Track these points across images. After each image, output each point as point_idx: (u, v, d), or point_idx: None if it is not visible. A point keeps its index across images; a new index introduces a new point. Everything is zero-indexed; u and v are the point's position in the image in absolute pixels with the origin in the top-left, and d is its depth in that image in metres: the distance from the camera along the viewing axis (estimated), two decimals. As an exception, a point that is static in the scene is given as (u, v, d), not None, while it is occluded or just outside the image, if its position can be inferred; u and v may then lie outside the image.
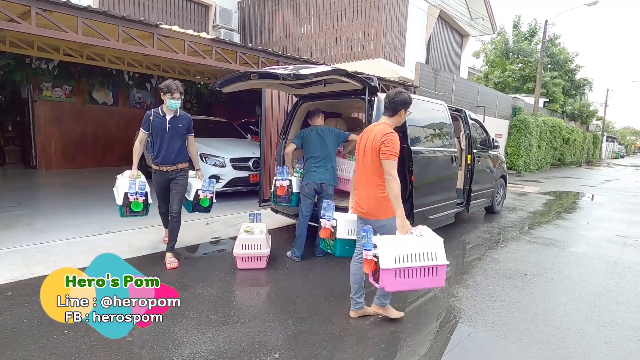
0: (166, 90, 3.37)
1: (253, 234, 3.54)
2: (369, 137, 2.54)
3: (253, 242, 3.49)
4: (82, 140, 9.85)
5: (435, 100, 4.94)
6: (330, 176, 3.81)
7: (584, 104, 24.64)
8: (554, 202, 8.43)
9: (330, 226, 2.97)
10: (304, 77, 3.18)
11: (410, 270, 2.15)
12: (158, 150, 3.49)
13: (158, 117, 3.47)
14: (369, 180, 2.51)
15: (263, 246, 3.51)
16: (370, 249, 2.18)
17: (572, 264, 4.08)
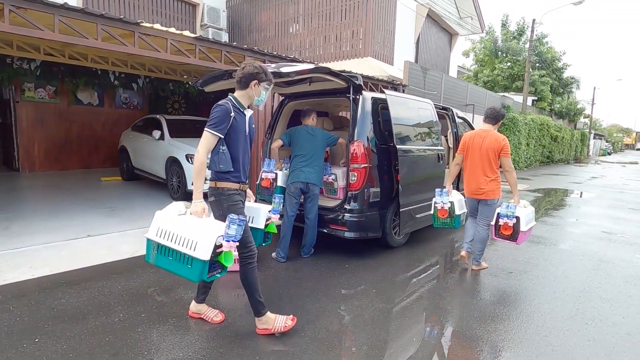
0: (264, 77, 2.35)
1: (236, 236, 3.45)
2: (484, 141, 3.52)
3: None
4: (66, 141, 9.65)
5: (422, 98, 4.92)
6: (317, 176, 3.76)
7: (572, 102, 24.99)
8: (542, 200, 8.50)
9: (447, 208, 3.80)
10: (285, 75, 3.13)
11: (528, 231, 3.55)
12: (237, 162, 2.41)
13: (239, 114, 2.35)
14: (485, 172, 3.52)
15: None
16: (512, 219, 3.43)
17: (558, 261, 4.09)
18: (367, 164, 3.76)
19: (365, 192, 3.82)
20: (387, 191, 4.04)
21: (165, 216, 2.21)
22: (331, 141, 3.92)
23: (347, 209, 3.80)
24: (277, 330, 2.38)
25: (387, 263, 3.83)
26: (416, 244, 4.49)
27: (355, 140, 3.76)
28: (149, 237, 2.20)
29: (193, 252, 2.04)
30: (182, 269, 2.11)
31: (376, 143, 3.95)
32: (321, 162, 3.81)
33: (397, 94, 4.32)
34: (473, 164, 3.58)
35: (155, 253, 2.19)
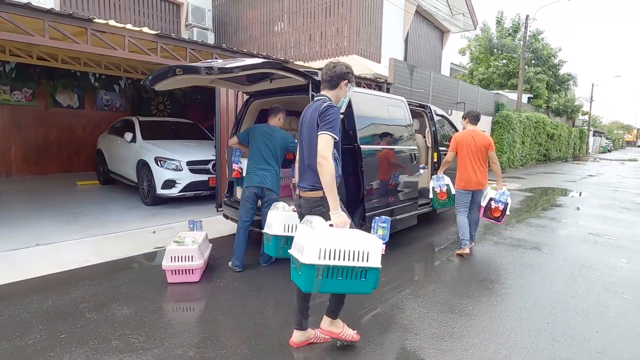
0: (352, 78, 2.28)
1: (184, 245, 3.23)
2: (475, 140, 4.10)
3: (183, 253, 3.18)
4: (45, 145, 9.43)
5: (394, 95, 4.67)
6: (273, 181, 3.52)
7: (569, 99, 24.66)
8: (532, 200, 8.23)
9: (445, 190, 4.47)
10: (228, 70, 2.88)
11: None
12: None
13: None
14: (480, 166, 4.08)
15: (195, 257, 3.20)
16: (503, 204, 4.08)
17: (536, 268, 3.83)
18: (327, 165, 3.51)
19: (327, 196, 3.57)
20: (353, 195, 3.78)
21: (324, 235, 1.88)
22: (292, 146, 3.61)
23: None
24: (344, 336, 2.28)
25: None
26: (390, 250, 4.23)
27: (315, 141, 3.51)
28: (312, 262, 1.82)
29: (367, 263, 1.89)
30: (355, 284, 1.92)
31: (343, 144, 3.69)
32: (278, 166, 3.56)
33: (363, 91, 4.07)
34: (471, 160, 4.07)
35: (321, 278, 1.85)
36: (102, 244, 4.16)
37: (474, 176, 4.07)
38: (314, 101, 2.23)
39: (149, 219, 5.30)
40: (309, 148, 2.15)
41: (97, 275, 3.33)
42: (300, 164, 2.27)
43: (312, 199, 2.15)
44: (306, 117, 2.21)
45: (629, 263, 4.03)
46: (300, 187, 2.24)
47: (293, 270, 1.97)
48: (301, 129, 2.26)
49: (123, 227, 4.82)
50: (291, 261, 1.99)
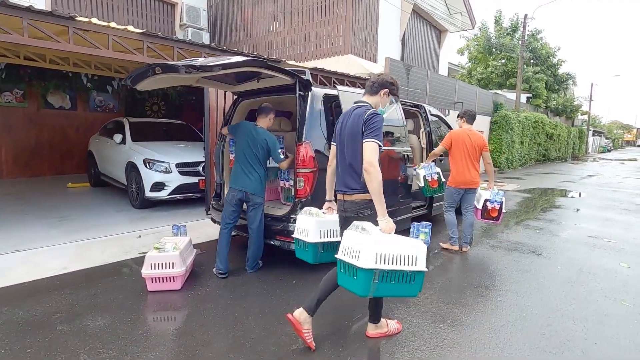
0: (395, 91, 2.38)
1: (164, 251, 3.09)
2: (471, 139, 4.13)
3: (163, 260, 3.05)
4: (37, 147, 9.30)
5: None
6: (257, 185, 3.38)
7: (568, 99, 24.54)
8: (530, 201, 8.10)
9: (437, 178, 4.40)
10: (209, 69, 2.75)
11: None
12: None
13: None
14: (475, 165, 4.12)
15: (176, 264, 3.07)
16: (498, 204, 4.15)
17: (533, 273, 3.70)
18: (315, 168, 3.38)
19: (316, 199, 3.43)
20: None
21: (379, 241, 1.94)
22: (274, 152, 3.40)
23: (295, 218, 3.42)
24: (392, 332, 2.44)
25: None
26: (380, 254, 4.10)
27: (303, 142, 3.38)
28: (369, 267, 1.88)
29: (416, 267, 2.00)
30: (405, 288, 2.02)
31: (329, 144, 3.57)
32: (262, 168, 3.42)
33: (352, 90, 3.93)
34: (466, 159, 4.08)
35: (377, 282, 1.93)
36: (84, 249, 4.03)
37: (468, 175, 4.09)
38: (356, 107, 2.27)
39: (137, 222, 5.17)
40: (353, 153, 2.20)
41: (75, 283, 3.20)
42: (342, 168, 2.29)
43: (360, 201, 2.19)
44: (347, 123, 2.25)
45: (628, 267, 3.90)
46: (344, 191, 2.26)
47: (343, 275, 2.04)
48: (341, 133, 2.31)
49: (109, 231, 4.68)
50: (339, 266, 2.06)
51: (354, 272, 1.93)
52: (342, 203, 2.28)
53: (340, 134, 2.32)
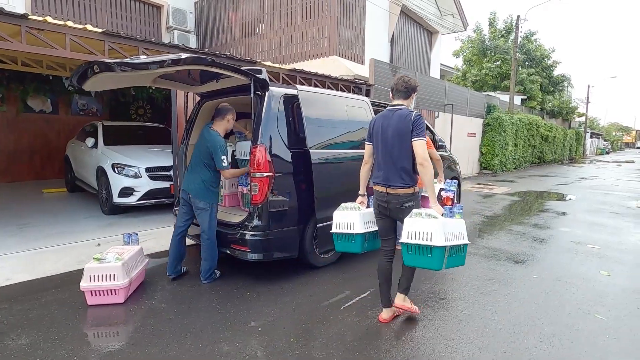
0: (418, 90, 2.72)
1: (105, 262, 2.89)
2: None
3: (104, 272, 2.85)
4: (16, 151, 9.12)
5: (355, 95, 4.35)
6: (198, 188, 3.21)
7: (564, 101, 24.38)
8: (518, 205, 7.89)
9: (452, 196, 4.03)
10: (143, 67, 2.56)
11: None
12: None
13: None
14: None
15: (118, 276, 2.86)
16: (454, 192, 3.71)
17: (505, 283, 3.49)
18: (270, 172, 3.19)
19: (272, 206, 3.24)
20: (306, 204, 3.45)
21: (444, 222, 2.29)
22: (215, 157, 3.15)
23: (251, 226, 3.22)
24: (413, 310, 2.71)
25: (304, 289, 3.23)
26: (349, 261, 3.90)
27: (257, 145, 3.19)
28: (442, 244, 2.23)
29: (465, 240, 2.41)
30: (459, 258, 2.42)
31: (289, 147, 3.38)
32: (207, 172, 3.23)
33: (314, 90, 3.74)
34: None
35: (447, 257, 2.30)
36: (36, 258, 3.82)
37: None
38: (396, 109, 2.55)
39: (103, 229, 4.96)
40: (400, 151, 2.48)
41: (12, 297, 3.00)
42: (385, 165, 2.55)
43: (403, 194, 2.50)
44: (391, 124, 2.52)
45: (609, 276, 3.69)
46: (388, 185, 2.53)
47: (413, 256, 2.35)
48: (383, 133, 2.56)
49: (70, 238, 4.48)
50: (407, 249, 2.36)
51: (428, 251, 2.26)
52: (384, 195, 2.56)
53: (382, 134, 2.56)
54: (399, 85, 2.59)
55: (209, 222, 3.21)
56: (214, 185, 3.26)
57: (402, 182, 2.49)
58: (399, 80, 2.61)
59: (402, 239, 2.36)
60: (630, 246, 4.76)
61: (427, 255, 2.28)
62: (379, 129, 2.59)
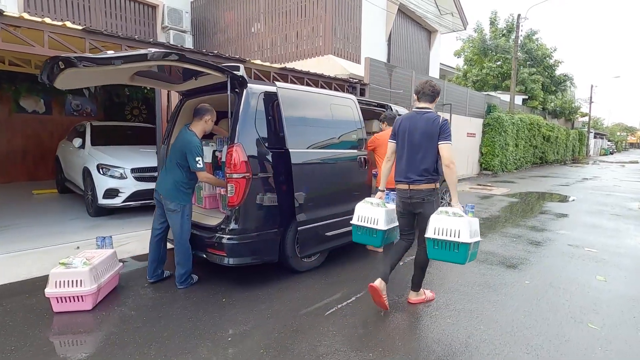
0: None
1: (72, 267, 2.76)
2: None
3: (70, 277, 2.72)
4: (9, 152, 9.04)
5: (341, 94, 4.21)
6: (170, 189, 3.10)
7: (567, 101, 24.10)
8: (515, 206, 7.70)
9: None
10: (106, 62, 2.44)
11: None
12: None
13: None
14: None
15: (85, 282, 2.74)
16: None
17: (495, 289, 3.33)
18: (247, 173, 3.05)
19: (250, 208, 3.11)
20: (286, 206, 3.31)
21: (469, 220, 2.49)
22: (189, 158, 3.01)
23: (227, 229, 3.09)
24: (428, 299, 2.98)
25: (283, 295, 3.09)
26: (333, 266, 3.76)
27: (234, 144, 3.05)
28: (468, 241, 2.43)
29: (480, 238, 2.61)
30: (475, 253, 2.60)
31: (268, 147, 3.24)
32: (179, 172, 3.11)
33: (295, 87, 3.59)
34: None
35: (471, 251, 2.48)
36: (13, 262, 3.72)
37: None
38: (423, 112, 2.72)
39: (87, 231, 4.85)
40: (425, 152, 2.66)
41: (-23, 303, 2.88)
42: (409, 163, 2.72)
43: (426, 190, 2.67)
44: (418, 125, 2.68)
45: (604, 281, 3.52)
46: (411, 181, 2.69)
47: (439, 251, 2.53)
48: (410, 134, 2.71)
49: (50, 241, 4.37)
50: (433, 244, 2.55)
51: (455, 247, 2.46)
52: (407, 191, 2.72)
53: (409, 134, 2.71)
54: (426, 89, 2.74)
55: (181, 224, 3.09)
56: (186, 187, 3.13)
57: (424, 179, 2.67)
58: (426, 85, 2.75)
59: (428, 234, 2.55)
60: (629, 250, 4.58)
61: (454, 251, 2.48)
62: (405, 130, 2.73)
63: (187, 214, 3.14)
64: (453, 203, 2.59)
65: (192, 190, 3.27)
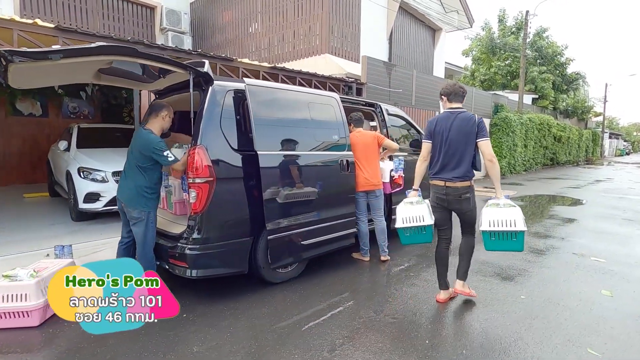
0: None
1: (17, 280, 2.56)
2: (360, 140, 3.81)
3: (14, 291, 2.52)
4: (4, 155, 9.02)
5: (318, 91, 3.94)
6: (131, 195, 2.87)
7: (580, 100, 23.33)
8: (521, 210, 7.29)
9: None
10: (43, 56, 2.22)
11: None
12: None
13: None
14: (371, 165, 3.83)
15: (31, 296, 2.53)
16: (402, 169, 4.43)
17: (486, 304, 3.01)
18: (211, 177, 2.81)
19: (214, 216, 2.86)
20: (258, 213, 3.06)
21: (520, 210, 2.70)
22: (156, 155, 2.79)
23: (190, 238, 2.84)
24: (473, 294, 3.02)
25: (248, 310, 2.84)
26: (312, 276, 3.49)
27: (196, 146, 2.81)
28: (525, 229, 2.63)
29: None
30: None
31: (236, 149, 2.99)
32: (140, 176, 2.87)
33: (268, 84, 3.33)
34: (361, 161, 3.78)
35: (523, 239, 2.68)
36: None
37: (367, 176, 3.79)
38: (458, 112, 2.83)
39: (63, 237, 4.66)
40: (463, 150, 2.76)
41: None
42: (446, 161, 2.81)
43: (462, 187, 2.78)
44: (455, 125, 2.78)
45: (611, 296, 3.17)
46: (447, 179, 2.79)
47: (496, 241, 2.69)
48: (449, 133, 2.79)
49: (21, 247, 4.18)
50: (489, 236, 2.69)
51: (513, 235, 2.63)
52: (442, 187, 2.83)
53: (447, 134, 2.79)
54: (457, 89, 2.89)
55: (144, 233, 2.86)
56: (150, 191, 2.90)
57: (460, 177, 2.76)
58: (456, 86, 2.91)
59: (483, 227, 2.67)
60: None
61: (511, 240, 2.63)
62: (442, 129, 2.81)
63: (151, 221, 2.91)
64: (498, 195, 2.73)
65: (157, 195, 3.04)
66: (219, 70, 5.61)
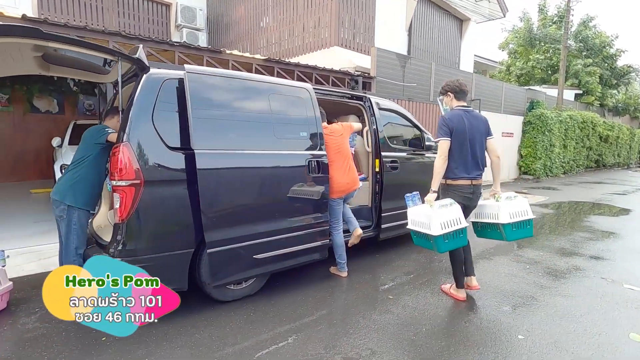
0: None
1: None
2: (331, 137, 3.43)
3: None
4: (23, 151, 9.30)
5: (286, 81, 3.41)
6: (62, 187, 2.60)
7: (632, 96, 21.04)
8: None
9: None
10: None
11: None
12: None
13: None
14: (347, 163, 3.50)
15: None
16: None
17: (470, 346, 2.40)
18: (137, 179, 2.41)
19: (143, 224, 2.47)
20: (199, 221, 2.64)
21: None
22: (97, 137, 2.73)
23: (116, 250, 2.47)
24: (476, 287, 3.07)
25: (177, 337, 2.43)
26: (273, 293, 3.02)
27: (121, 143, 2.43)
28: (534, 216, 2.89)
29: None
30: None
31: (173, 148, 2.58)
32: (79, 168, 2.62)
33: (214, 72, 2.86)
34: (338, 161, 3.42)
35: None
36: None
37: (348, 180, 3.42)
38: (469, 110, 2.90)
39: (39, 236, 4.54)
40: (481, 148, 2.88)
41: None
42: (470, 160, 2.83)
43: (481, 184, 2.92)
44: (472, 124, 2.83)
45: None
46: (473, 177, 2.85)
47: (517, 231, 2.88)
48: (470, 132, 2.81)
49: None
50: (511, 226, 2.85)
51: (528, 223, 2.90)
52: (469, 187, 2.87)
53: (468, 132, 2.79)
54: (464, 87, 2.94)
55: (66, 235, 2.58)
56: (83, 183, 2.67)
57: (481, 174, 2.91)
58: (462, 84, 2.94)
59: (504, 220, 2.82)
60: (692, 290, 3.34)
61: (527, 227, 2.89)
62: (464, 129, 2.79)
63: (74, 222, 2.61)
64: (497, 188, 2.97)
65: (91, 192, 2.75)
66: (206, 64, 5.27)
